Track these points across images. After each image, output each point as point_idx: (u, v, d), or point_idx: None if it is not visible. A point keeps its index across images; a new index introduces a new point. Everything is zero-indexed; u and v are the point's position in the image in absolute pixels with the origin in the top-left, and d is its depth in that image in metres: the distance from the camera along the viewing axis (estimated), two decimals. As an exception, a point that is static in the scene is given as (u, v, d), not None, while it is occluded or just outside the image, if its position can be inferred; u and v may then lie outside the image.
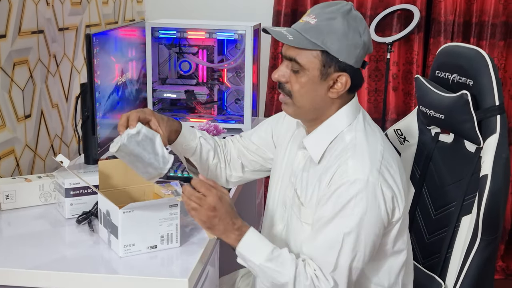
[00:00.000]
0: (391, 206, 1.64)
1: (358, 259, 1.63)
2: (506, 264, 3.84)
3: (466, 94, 1.84)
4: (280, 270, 1.64)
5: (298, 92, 1.71)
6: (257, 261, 1.65)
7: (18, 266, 1.65)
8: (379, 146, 1.69)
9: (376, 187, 1.61)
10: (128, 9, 3.50)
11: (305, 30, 1.68)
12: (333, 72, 1.68)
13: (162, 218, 1.73)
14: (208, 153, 1.99)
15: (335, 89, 1.69)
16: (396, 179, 1.67)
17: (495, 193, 1.78)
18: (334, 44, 1.65)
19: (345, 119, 1.73)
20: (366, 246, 1.63)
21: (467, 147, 1.94)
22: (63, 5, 2.62)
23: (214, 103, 3.21)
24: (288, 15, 3.67)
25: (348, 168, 1.63)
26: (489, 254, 1.84)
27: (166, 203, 1.74)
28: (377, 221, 1.63)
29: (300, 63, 1.68)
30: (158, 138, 1.77)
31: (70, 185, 1.97)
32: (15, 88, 2.24)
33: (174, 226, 1.75)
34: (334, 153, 1.70)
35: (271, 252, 1.65)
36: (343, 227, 1.61)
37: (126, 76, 2.65)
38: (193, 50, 3.15)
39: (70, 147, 2.75)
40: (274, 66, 3.73)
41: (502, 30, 3.57)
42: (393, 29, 3.64)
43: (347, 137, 1.71)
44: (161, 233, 1.74)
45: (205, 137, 2.00)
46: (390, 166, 1.67)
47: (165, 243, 1.75)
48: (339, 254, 1.62)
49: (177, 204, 1.74)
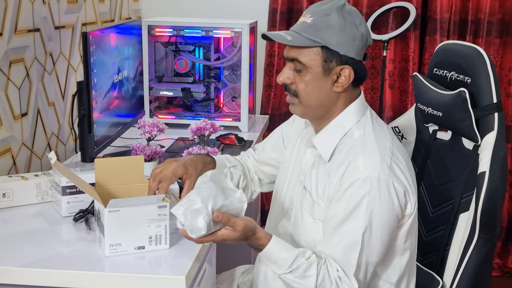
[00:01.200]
0: (403, 200, 1.67)
1: (375, 254, 1.67)
2: (502, 262, 3.84)
3: (464, 91, 1.84)
4: (302, 282, 1.65)
5: (304, 91, 1.73)
6: (277, 272, 1.68)
7: (15, 265, 1.65)
8: (388, 142, 1.71)
9: (388, 183, 1.64)
10: (125, 7, 3.49)
11: (302, 29, 1.71)
12: (335, 66, 1.70)
13: (150, 218, 1.71)
14: (239, 179, 2.07)
15: (339, 82, 1.72)
16: (407, 174, 1.69)
17: (492, 190, 1.78)
18: (332, 39, 1.68)
19: (353, 117, 1.75)
20: (383, 241, 1.66)
21: (465, 145, 1.94)
22: (59, 3, 2.61)
23: (211, 101, 3.21)
24: (284, 13, 3.66)
25: (359, 165, 1.65)
26: (487, 252, 1.84)
27: (154, 204, 1.71)
28: (391, 216, 1.66)
29: (302, 62, 1.71)
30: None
31: (67, 183, 1.96)
32: (11, 87, 2.23)
33: (163, 228, 1.73)
34: (343, 150, 1.72)
35: (291, 264, 1.66)
36: (359, 227, 1.63)
37: (122, 74, 2.64)
38: (189, 48, 3.15)
39: (67, 145, 2.75)
40: (270, 63, 3.73)
41: (498, 27, 3.58)
42: (389, 27, 3.64)
43: (356, 134, 1.73)
44: (149, 234, 1.72)
45: (234, 164, 2.06)
46: (400, 162, 1.69)
47: (154, 244, 1.73)
48: (360, 254, 1.64)
49: (166, 205, 1.72)
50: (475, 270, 1.83)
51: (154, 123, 2.35)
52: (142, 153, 2.27)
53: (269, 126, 3.66)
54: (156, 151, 2.30)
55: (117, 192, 1.90)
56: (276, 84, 3.73)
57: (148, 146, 2.31)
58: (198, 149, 2.20)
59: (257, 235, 1.68)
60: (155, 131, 2.33)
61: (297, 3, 3.66)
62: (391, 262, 1.76)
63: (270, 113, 3.75)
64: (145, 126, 2.34)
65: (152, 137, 2.34)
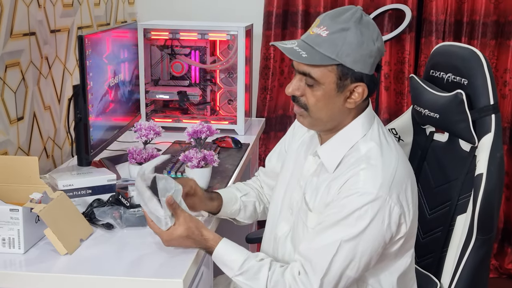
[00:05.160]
0: (396, 222, 1.62)
1: (351, 268, 1.62)
2: (499, 263, 3.85)
3: (461, 93, 1.85)
4: (252, 284, 1.67)
5: (315, 106, 1.68)
6: (229, 275, 1.71)
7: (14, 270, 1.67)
8: (393, 160, 1.66)
9: (384, 203, 1.59)
10: (120, 11, 3.48)
11: (317, 44, 1.63)
12: (349, 84, 1.64)
13: (1, 220, 1.72)
14: (254, 205, 2.08)
15: (352, 99, 1.67)
16: (408, 195, 1.65)
17: (490, 192, 1.79)
18: (349, 57, 1.61)
19: (360, 129, 1.70)
20: (362, 257, 1.62)
21: (462, 146, 1.94)
22: (54, 7, 2.60)
23: (207, 104, 3.21)
24: (280, 16, 3.66)
25: (360, 180, 1.61)
26: (484, 253, 1.84)
27: (5, 206, 1.72)
28: (378, 236, 1.61)
29: (314, 78, 1.64)
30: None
31: (63, 187, 1.96)
32: (7, 91, 2.23)
33: (16, 231, 1.72)
34: (348, 163, 1.67)
35: (241, 266, 1.68)
36: (342, 235, 1.60)
37: (118, 77, 2.64)
38: (185, 51, 3.15)
39: (63, 149, 2.74)
40: (266, 66, 3.73)
41: (493, 29, 3.59)
42: (384, 29, 3.64)
43: (362, 148, 1.68)
44: (1, 236, 1.72)
45: (245, 193, 2.07)
46: (402, 182, 1.64)
47: (7, 247, 1.72)
48: (332, 260, 1.61)
49: (17, 209, 1.71)
50: (472, 272, 1.83)
51: (150, 126, 2.34)
52: (138, 156, 2.27)
53: (265, 129, 3.67)
54: (153, 155, 2.30)
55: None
56: (272, 87, 3.72)
57: (144, 150, 2.30)
58: (195, 152, 2.20)
59: (205, 236, 1.73)
60: (151, 135, 2.33)
61: (292, 5, 3.66)
62: (383, 271, 1.74)
63: (266, 116, 3.74)
64: (141, 130, 2.34)
65: (149, 140, 2.33)
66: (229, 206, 2.01)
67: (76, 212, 1.86)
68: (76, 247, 1.76)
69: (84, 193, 2.00)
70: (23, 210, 1.70)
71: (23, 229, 1.71)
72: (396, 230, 1.64)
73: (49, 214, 1.72)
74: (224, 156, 2.67)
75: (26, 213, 1.72)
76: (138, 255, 1.75)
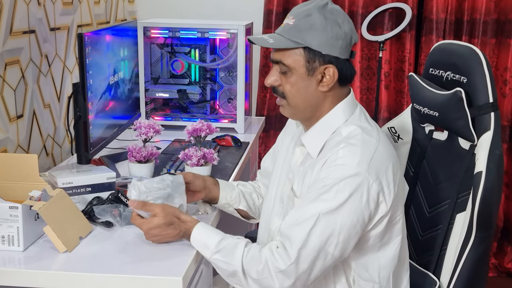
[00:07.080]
0: (375, 199, 1.65)
1: (330, 243, 1.63)
2: (498, 262, 3.85)
3: (460, 91, 1.85)
4: (228, 260, 1.69)
5: (290, 92, 1.76)
6: (207, 255, 1.72)
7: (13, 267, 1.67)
8: (373, 141, 1.70)
9: (363, 179, 1.63)
10: (120, 9, 3.49)
11: (285, 31, 1.74)
12: (318, 66, 1.72)
13: (1, 218, 1.72)
14: (252, 196, 2.10)
15: (324, 82, 1.73)
16: (388, 175, 1.68)
17: (489, 190, 1.78)
18: (314, 39, 1.70)
19: (341, 115, 1.76)
20: (341, 232, 1.63)
21: (461, 145, 1.94)
22: (54, 5, 2.60)
23: (207, 102, 3.21)
24: (280, 14, 3.66)
25: (338, 157, 1.66)
26: (483, 251, 1.84)
27: (5, 203, 1.72)
28: (357, 211, 1.64)
29: (286, 63, 1.73)
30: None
31: (63, 185, 1.96)
32: (7, 88, 2.23)
33: (15, 229, 1.72)
34: (329, 146, 1.73)
35: (218, 244, 1.70)
36: (320, 208, 1.63)
37: (118, 75, 2.64)
38: (185, 49, 3.15)
39: (63, 147, 2.74)
40: (266, 65, 3.73)
41: (493, 27, 3.58)
42: (384, 28, 3.64)
43: (343, 132, 1.73)
44: (1, 233, 1.73)
45: (242, 183, 2.13)
46: (382, 161, 1.68)
47: (6, 244, 1.73)
48: (310, 232, 1.63)
49: (17, 207, 1.71)
50: (472, 269, 1.83)
51: (150, 124, 2.34)
52: (138, 154, 2.27)
53: (265, 127, 3.67)
54: (152, 153, 2.30)
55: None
56: (272, 85, 3.72)
57: (144, 148, 2.30)
58: (194, 150, 2.20)
59: (182, 219, 1.77)
60: (151, 133, 2.33)
61: (292, 4, 3.65)
62: (371, 261, 1.76)
63: (266, 114, 3.75)
64: (141, 128, 2.33)
65: (148, 138, 2.33)
66: (228, 191, 2.04)
67: (76, 210, 1.86)
68: (75, 244, 1.77)
69: (83, 191, 2.00)
70: (23, 207, 1.71)
71: (23, 227, 1.71)
72: (375, 208, 1.67)
73: (49, 212, 1.72)
74: (223, 154, 2.67)
75: (26, 211, 1.72)
76: (138, 253, 1.75)
